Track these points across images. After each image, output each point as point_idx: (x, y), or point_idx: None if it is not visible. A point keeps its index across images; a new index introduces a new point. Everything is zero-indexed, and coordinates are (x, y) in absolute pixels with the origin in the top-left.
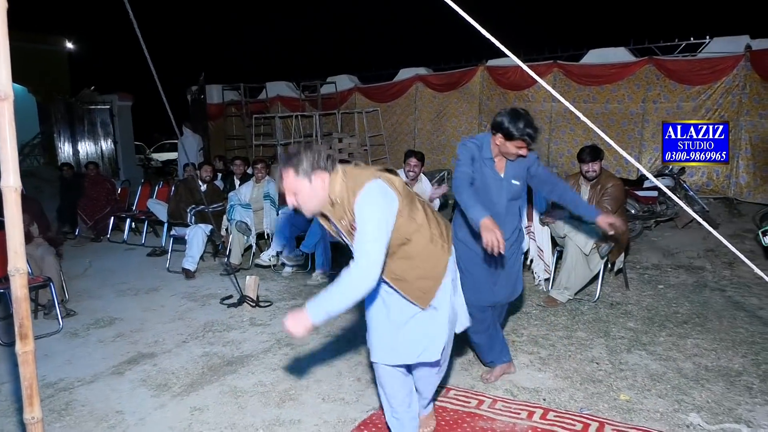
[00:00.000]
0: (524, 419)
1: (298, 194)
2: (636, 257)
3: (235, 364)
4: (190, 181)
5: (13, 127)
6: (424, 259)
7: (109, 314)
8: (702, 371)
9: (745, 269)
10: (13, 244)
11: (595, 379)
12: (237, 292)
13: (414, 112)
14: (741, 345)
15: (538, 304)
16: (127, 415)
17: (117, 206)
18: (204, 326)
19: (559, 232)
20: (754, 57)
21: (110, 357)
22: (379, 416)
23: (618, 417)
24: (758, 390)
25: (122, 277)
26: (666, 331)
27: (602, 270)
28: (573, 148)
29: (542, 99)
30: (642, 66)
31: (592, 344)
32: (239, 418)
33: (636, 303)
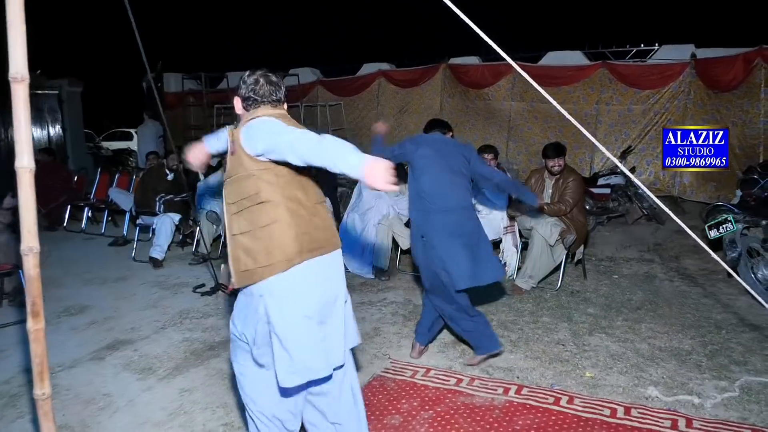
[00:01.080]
0: (501, 395)
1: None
2: (591, 250)
3: (218, 348)
4: (156, 169)
5: (28, 110)
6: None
7: (78, 302)
8: (656, 351)
9: (689, 261)
10: (27, 224)
11: (562, 359)
12: (212, 280)
13: (377, 107)
14: (689, 328)
15: (506, 293)
16: (116, 397)
17: (73, 194)
18: (180, 313)
19: (525, 224)
20: (698, 65)
21: (86, 343)
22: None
23: (585, 392)
24: (706, 367)
25: (86, 267)
26: (622, 316)
27: (564, 260)
28: (530, 146)
29: (502, 98)
30: (596, 69)
31: (557, 328)
32: (229, 398)
33: (594, 291)
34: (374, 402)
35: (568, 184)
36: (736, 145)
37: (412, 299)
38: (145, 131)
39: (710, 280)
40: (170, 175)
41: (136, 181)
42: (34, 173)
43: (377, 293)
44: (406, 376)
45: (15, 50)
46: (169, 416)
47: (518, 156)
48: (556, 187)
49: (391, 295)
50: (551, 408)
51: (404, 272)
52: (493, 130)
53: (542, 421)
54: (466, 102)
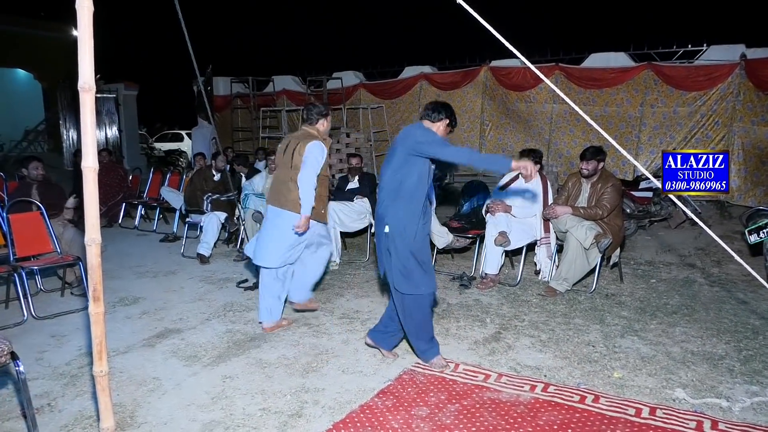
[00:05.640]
0: (527, 392)
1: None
2: (630, 254)
3: (258, 340)
4: (204, 170)
5: (93, 116)
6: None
7: (131, 294)
8: (688, 355)
9: (732, 267)
10: (90, 218)
11: (591, 360)
12: (254, 276)
13: (418, 110)
14: (725, 333)
15: (539, 293)
16: (164, 380)
17: (129, 193)
18: (224, 307)
19: (560, 227)
20: (748, 66)
21: (139, 332)
22: (395, 386)
23: (611, 391)
24: (738, 372)
25: (138, 261)
26: (656, 320)
27: (599, 264)
28: (572, 149)
29: (543, 100)
30: (641, 71)
31: (589, 330)
32: (268, 385)
33: (629, 294)
34: (403, 394)
35: (606, 190)
36: None
37: (446, 298)
38: (198, 133)
39: (751, 285)
40: (216, 176)
41: (186, 180)
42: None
43: None
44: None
45: (83, 63)
46: (212, 400)
47: (559, 158)
48: (593, 191)
49: None
50: (576, 406)
51: (439, 272)
52: (534, 132)
53: (566, 418)
54: (507, 104)
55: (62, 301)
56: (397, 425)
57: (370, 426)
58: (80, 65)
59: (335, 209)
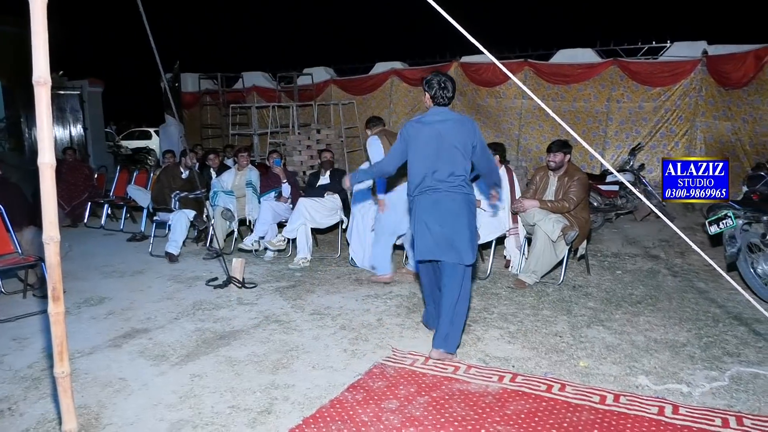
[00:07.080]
0: (495, 382)
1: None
2: (597, 246)
3: (228, 337)
4: (172, 167)
5: (50, 110)
6: None
7: (97, 294)
8: (652, 343)
9: (695, 257)
10: (48, 216)
11: (558, 350)
12: (224, 274)
13: (389, 106)
14: (687, 322)
15: (508, 286)
16: (131, 381)
17: (94, 192)
18: (193, 305)
19: (529, 220)
20: (710, 62)
21: (105, 332)
22: (365, 380)
23: (577, 380)
24: (699, 358)
25: (105, 261)
26: (621, 310)
27: (567, 256)
28: (541, 144)
29: (513, 96)
30: (607, 67)
31: (556, 321)
32: (237, 383)
33: (596, 286)
34: (374, 388)
35: (573, 183)
36: (746, 142)
37: (417, 292)
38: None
39: (712, 275)
40: (185, 173)
41: (153, 178)
42: (59, 171)
43: (383, 287)
44: (406, 364)
45: (38, 56)
46: (180, 399)
47: (529, 153)
48: (560, 184)
49: (396, 288)
50: (543, 395)
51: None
52: (504, 128)
53: (533, 407)
54: (477, 100)
55: (24, 303)
56: (366, 419)
57: (340, 420)
58: (34, 58)
59: (306, 205)
